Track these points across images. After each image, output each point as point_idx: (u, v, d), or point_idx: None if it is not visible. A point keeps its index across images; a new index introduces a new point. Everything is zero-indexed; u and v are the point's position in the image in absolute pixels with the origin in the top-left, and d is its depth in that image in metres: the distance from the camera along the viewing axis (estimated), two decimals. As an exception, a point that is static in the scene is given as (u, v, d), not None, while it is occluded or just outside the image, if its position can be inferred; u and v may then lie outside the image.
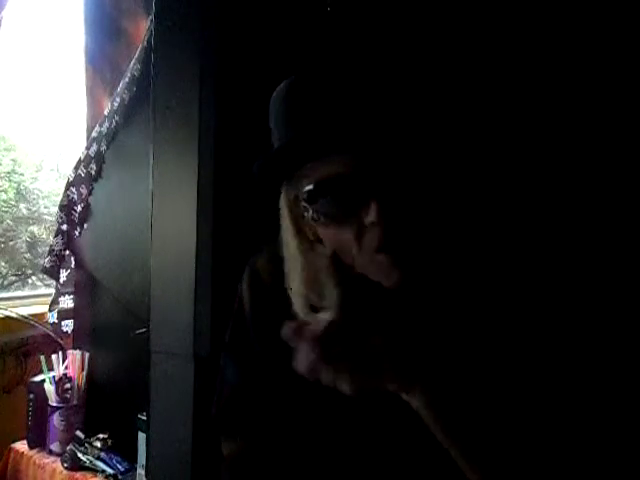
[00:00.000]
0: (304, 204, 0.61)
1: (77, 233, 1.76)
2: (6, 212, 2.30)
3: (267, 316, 0.72)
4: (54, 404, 1.64)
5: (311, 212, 0.61)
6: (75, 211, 1.75)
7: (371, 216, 0.56)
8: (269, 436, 0.71)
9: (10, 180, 2.33)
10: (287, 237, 0.67)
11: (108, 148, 1.67)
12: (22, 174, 2.38)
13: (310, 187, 0.59)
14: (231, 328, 0.77)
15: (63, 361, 1.70)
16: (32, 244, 2.36)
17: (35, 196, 2.42)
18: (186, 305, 1.14)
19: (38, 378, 1.68)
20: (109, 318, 1.68)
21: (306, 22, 1.16)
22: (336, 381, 0.52)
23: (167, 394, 1.18)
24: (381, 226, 0.56)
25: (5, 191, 2.30)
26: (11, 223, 2.32)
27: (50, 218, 2.28)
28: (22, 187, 2.37)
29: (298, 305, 0.65)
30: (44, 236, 2.37)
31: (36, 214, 2.40)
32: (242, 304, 0.75)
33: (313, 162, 0.58)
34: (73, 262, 1.79)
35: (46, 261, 1.76)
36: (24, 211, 2.36)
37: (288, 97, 0.62)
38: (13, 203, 2.34)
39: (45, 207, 2.42)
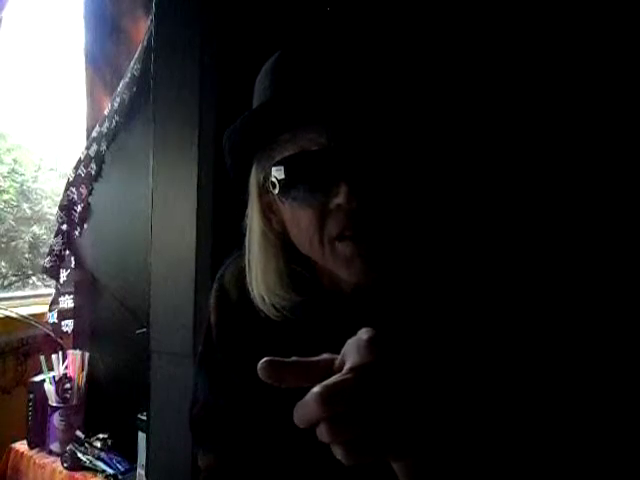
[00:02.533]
0: (272, 180, 0.57)
1: (77, 233, 1.76)
2: (8, 212, 2.30)
3: (233, 333, 0.70)
4: (54, 404, 1.64)
5: (278, 189, 0.57)
6: (75, 211, 1.75)
7: (339, 198, 0.53)
8: (242, 451, 0.69)
9: (12, 180, 2.33)
10: (252, 224, 0.64)
11: (108, 148, 1.67)
12: (23, 174, 2.38)
13: (280, 159, 0.56)
14: (202, 343, 0.75)
15: (63, 361, 1.70)
16: (34, 244, 2.35)
17: (38, 196, 2.41)
18: (186, 305, 1.14)
19: (38, 378, 1.68)
20: (109, 318, 1.68)
21: (306, 21, 1.15)
22: (332, 444, 0.39)
23: (167, 394, 1.18)
24: (347, 209, 0.53)
25: (7, 191, 2.30)
26: (13, 223, 2.31)
27: (53, 218, 2.28)
28: (25, 187, 2.37)
29: (261, 305, 0.63)
30: (45, 237, 2.36)
31: (39, 213, 2.39)
32: (210, 320, 0.73)
33: (287, 133, 0.56)
34: (73, 262, 1.80)
35: (46, 261, 1.77)
36: (27, 211, 2.35)
37: (271, 69, 0.60)
38: (15, 203, 2.33)
39: (48, 207, 2.41)
